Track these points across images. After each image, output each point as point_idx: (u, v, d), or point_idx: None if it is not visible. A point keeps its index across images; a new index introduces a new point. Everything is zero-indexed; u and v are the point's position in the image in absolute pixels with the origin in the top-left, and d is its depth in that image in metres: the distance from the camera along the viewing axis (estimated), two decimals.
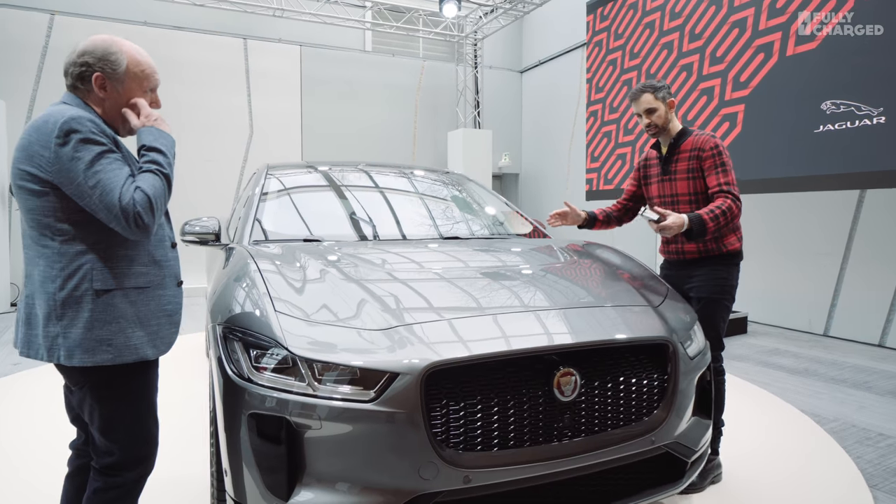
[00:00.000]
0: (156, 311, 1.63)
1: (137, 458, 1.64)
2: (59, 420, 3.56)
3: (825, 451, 3.04)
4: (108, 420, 1.59)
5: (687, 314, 2.18)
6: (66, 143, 1.45)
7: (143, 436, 1.66)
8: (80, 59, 1.58)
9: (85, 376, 1.56)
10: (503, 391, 1.65)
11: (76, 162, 1.44)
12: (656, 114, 2.59)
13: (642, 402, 1.86)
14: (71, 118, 1.47)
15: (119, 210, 1.45)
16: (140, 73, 1.63)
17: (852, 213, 5.65)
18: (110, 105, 1.62)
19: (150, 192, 1.50)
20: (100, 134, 1.50)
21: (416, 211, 3.20)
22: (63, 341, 1.50)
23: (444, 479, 1.55)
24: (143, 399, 1.65)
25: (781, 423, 3.46)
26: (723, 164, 2.50)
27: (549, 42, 10.71)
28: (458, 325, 1.74)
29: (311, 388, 1.57)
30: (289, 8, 9.20)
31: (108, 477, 1.61)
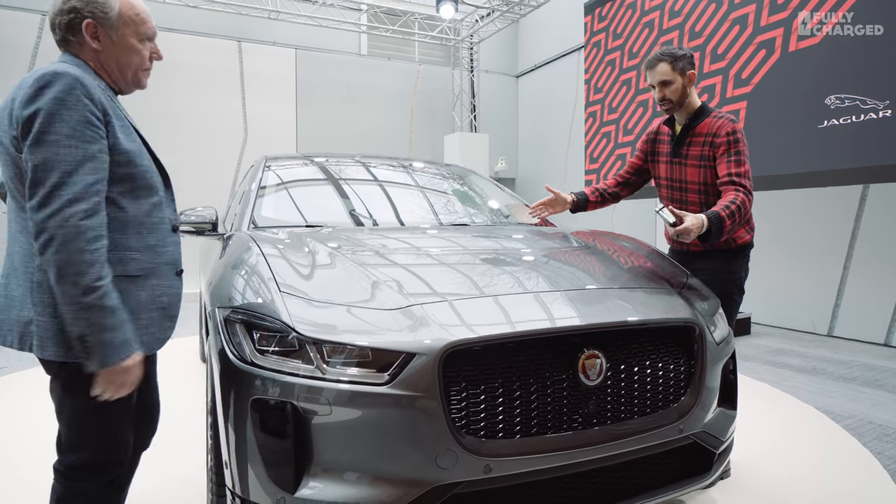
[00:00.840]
0: (147, 302, 1.43)
1: (104, 462, 1.44)
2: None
3: (844, 447, 2.94)
4: (80, 415, 1.40)
5: (710, 299, 2.08)
6: (36, 97, 1.25)
7: (115, 439, 1.45)
8: (66, 6, 1.38)
9: (62, 369, 1.37)
10: (526, 375, 1.54)
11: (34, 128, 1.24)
12: (672, 87, 2.31)
13: (669, 388, 1.75)
14: (53, 72, 1.27)
15: (44, 192, 1.21)
16: (135, 16, 1.44)
17: (854, 212, 5.59)
18: (106, 56, 1.43)
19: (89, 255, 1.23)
20: (84, 98, 1.28)
21: (424, 200, 3.10)
22: (36, 329, 1.32)
23: (463, 469, 1.43)
24: (122, 399, 1.39)
25: (796, 420, 3.37)
26: (738, 152, 2.24)
27: (544, 46, 10.69)
28: (478, 305, 1.63)
29: (319, 371, 1.45)
30: (284, 10, 9.13)
31: (70, 481, 1.42)
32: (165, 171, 1.57)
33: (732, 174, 2.22)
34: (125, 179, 1.40)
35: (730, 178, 2.22)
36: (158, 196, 1.50)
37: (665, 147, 2.52)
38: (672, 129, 2.50)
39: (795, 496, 2.40)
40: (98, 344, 1.26)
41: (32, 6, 7.95)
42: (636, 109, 6.91)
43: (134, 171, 1.41)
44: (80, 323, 1.24)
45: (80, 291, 1.23)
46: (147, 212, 1.45)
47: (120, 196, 1.38)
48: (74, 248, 1.22)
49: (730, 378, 2.03)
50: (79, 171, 1.25)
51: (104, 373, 1.29)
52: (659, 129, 2.60)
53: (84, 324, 1.24)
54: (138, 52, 1.48)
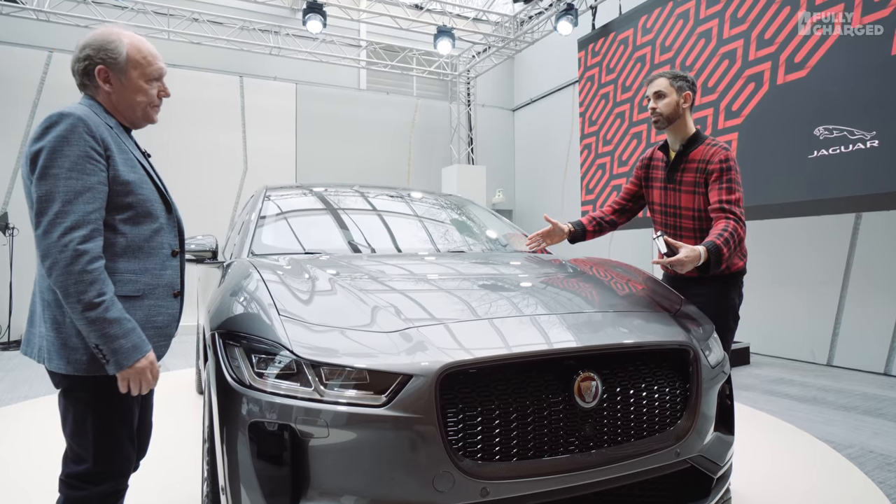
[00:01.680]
0: (142, 322, 1.52)
1: (106, 471, 1.52)
2: (58, 451, 3.39)
3: (846, 476, 2.91)
4: (80, 425, 1.49)
5: (705, 323, 2.09)
6: (42, 135, 1.39)
7: (115, 449, 1.53)
8: (82, 54, 1.53)
9: (64, 380, 1.48)
10: (522, 397, 1.54)
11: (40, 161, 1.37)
12: (664, 100, 2.36)
13: (665, 412, 1.76)
14: (60, 113, 1.42)
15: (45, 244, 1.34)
16: (142, 59, 1.56)
17: (848, 241, 5.65)
18: (118, 98, 1.56)
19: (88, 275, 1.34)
20: (85, 135, 1.40)
21: (422, 228, 3.14)
22: (47, 344, 1.45)
23: (460, 492, 1.43)
24: (120, 410, 1.53)
25: (796, 449, 3.34)
26: (729, 179, 2.26)
27: (539, 81, 10.93)
28: (474, 328, 1.65)
29: (317, 394, 1.46)
30: (285, 47, 9.36)
31: (73, 490, 1.49)
32: (168, 199, 1.66)
33: (723, 201, 2.23)
34: (126, 207, 1.51)
35: (720, 206, 2.24)
36: (159, 223, 1.59)
37: (659, 173, 2.56)
38: (666, 155, 2.53)
39: None
40: (111, 351, 1.39)
41: (38, 43, 8.14)
42: (630, 141, 7.04)
43: (134, 199, 1.52)
44: (92, 335, 1.38)
45: (83, 308, 1.35)
46: (147, 237, 1.55)
47: (121, 223, 1.49)
48: (75, 269, 1.33)
49: (726, 403, 2.03)
50: (78, 200, 1.37)
51: (122, 374, 1.42)
52: (653, 155, 2.63)
53: (95, 335, 1.37)
54: (145, 91, 1.59)
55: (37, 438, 3.58)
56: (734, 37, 5.66)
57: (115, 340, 1.38)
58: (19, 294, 7.61)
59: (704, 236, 2.26)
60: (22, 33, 8.03)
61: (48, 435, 3.62)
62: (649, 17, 6.79)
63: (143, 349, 1.44)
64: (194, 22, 8.70)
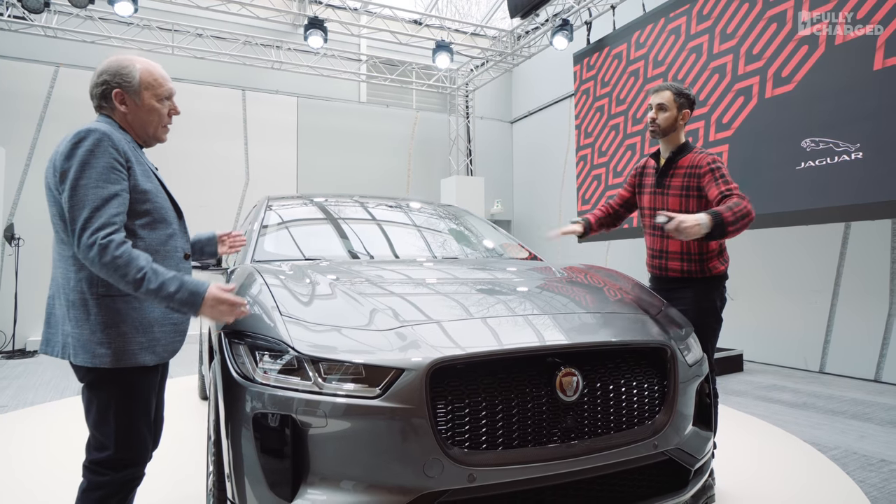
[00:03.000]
0: (160, 318, 1.67)
1: (126, 459, 1.64)
2: (62, 455, 3.48)
3: (828, 476, 3.01)
4: (103, 415, 1.61)
5: (684, 325, 2.21)
6: (72, 151, 1.54)
7: (135, 437, 1.66)
8: (100, 80, 1.69)
9: (89, 373, 1.60)
10: (507, 390, 1.66)
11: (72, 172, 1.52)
12: (665, 114, 2.55)
13: (644, 406, 1.87)
14: (87, 129, 1.57)
15: (84, 243, 1.48)
16: (153, 81, 1.72)
17: (839, 249, 5.77)
18: (133, 117, 1.72)
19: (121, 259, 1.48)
20: (110, 152, 1.56)
21: (419, 236, 3.26)
22: (72, 341, 1.57)
23: (448, 478, 1.53)
24: (140, 400, 1.66)
25: (783, 451, 3.43)
26: (721, 175, 2.44)
27: (536, 94, 11.12)
28: (463, 326, 1.77)
29: (317, 387, 1.57)
30: (286, 61, 9.55)
31: (95, 475, 1.61)
32: (179, 207, 1.82)
33: (723, 192, 2.38)
34: (143, 214, 1.66)
35: (722, 196, 2.38)
36: (172, 228, 1.74)
37: (650, 179, 2.73)
38: (657, 162, 2.71)
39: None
40: (179, 304, 1.55)
41: (45, 59, 8.32)
42: (625, 153, 7.19)
43: (150, 206, 1.68)
44: (156, 302, 1.55)
45: (133, 287, 1.51)
46: (162, 241, 1.69)
47: (140, 228, 1.64)
48: (106, 260, 1.47)
49: (705, 400, 2.14)
50: (105, 206, 1.52)
51: (202, 314, 1.59)
52: (646, 163, 2.81)
53: (158, 301, 1.54)
54: (158, 110, 1.75)
55: (42, 442, 3.68)
56: (724, 52, 5.82)
57: (174, 298, 1.53)
58: (24, 303, 7.72)
59: (690, 240, 2.38)
60: (29, 49, 8.22)
61: (52, 439, 3.73)
62: (642, 32, 6.96)
63: (200, 290, 1.57)
64: (198, 37, 8.90)
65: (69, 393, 5.23)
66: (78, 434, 3.78)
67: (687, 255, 2.55)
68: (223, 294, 1.59)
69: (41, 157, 8.22)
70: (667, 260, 2.61)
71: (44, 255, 8.05)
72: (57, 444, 3.63)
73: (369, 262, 2.67)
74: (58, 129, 8.23)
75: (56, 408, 4.64)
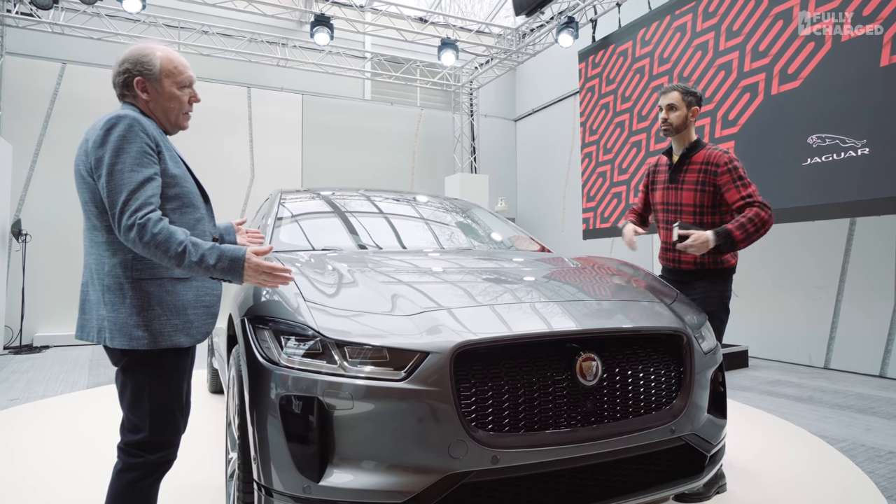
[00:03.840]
0: (193, 301, 1.70)
1: (161, 440, 1.67)
2: (77, 445, 3.51)
3: (838, 467, 3.04)
4: (138, 397, 1.64)
5: (698, 314, 2.24)
6: (104, 140, 1.58)
7: (169, 418, 1.69)
8: (122, 68, 1.72)
9: (124, 356, 1.63)
10: (529, 375, 1.69)
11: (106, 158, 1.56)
12: (676, 112, 2.64)
13: (661, 392, 1.90)
14: (117, 115, 1.62)
15: (124, 224, 1.51)
16: (173, 69, 1.75)
17: (843, 246, 5.80)
18: (154, 105, 1.75)
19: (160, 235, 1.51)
20: (141, 136, 1.60)
21: (433, 227, 3.30)
22: (108, 325, 1.60)
23: (473, 459, 1.56)
24: (173, 383, 1.70)
25: (791, 443, 3.46)
26: (740, 177, 2.52)
27: (540, 92, 11.14)
28: (485, 312, 1.80)
29: (342, 370, 1.60)
30: (292, 58, 9.58)
31: (130, 457, 1.65)
32: (205, 192, 1.86)
33: (744, 196, 2.51)
34: (173, 198, 1.69)
35: (742, 201, 2.51)
36: (200, 213, 1.78)
37: (662, 176, 2.81)
38: (670, 159, 2.79)
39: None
40: (222, 273, 1.58)
41: (52, 55, 8.35)
42: (630, 150, 7.22)
43: (180, 191, 1.71)
44: (200, 273, 1.58)
45: (176, 262, 1.54)
46: (191, 225, 1.72)
47: (170, 212, 1.67)
48: (146, 239, 1.51)
49: (718, 389, 2.17)
50: (141, 189, 1.55)
51: (246, 281, 1.61)
52: (658, 161, 2.90)
53: (202, 273, 1.57)
54: (178, 97, 1.78)
55: (55, 433, 3.72)
56: (730, 49, 5.84)
57: (216, 267, 1.56)
58: (31, 299, 7.76)
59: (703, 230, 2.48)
60: (36, 45, 8.25)
61: (65, 430, 3.77)
62: (648, 30, 6.99)
63: (239, 255, 1.58)
64: (204, 34, 8.93)
65: (79, 387, 5.27)
66: (91, 425, 3.83)
67: None
68: (262, 262, 1.60)
69: (48, 153, 8.26)
70: (681, 253, 2.67)
71: (51, 251, 8.10)
72: (70, 434, 3.67)
73: (387, 252, 2.70)
74: (64, 126, 8.27)
75: (67, 400, 4.68)
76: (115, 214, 1.53)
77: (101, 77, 8.53)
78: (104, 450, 3.32)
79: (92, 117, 1.67)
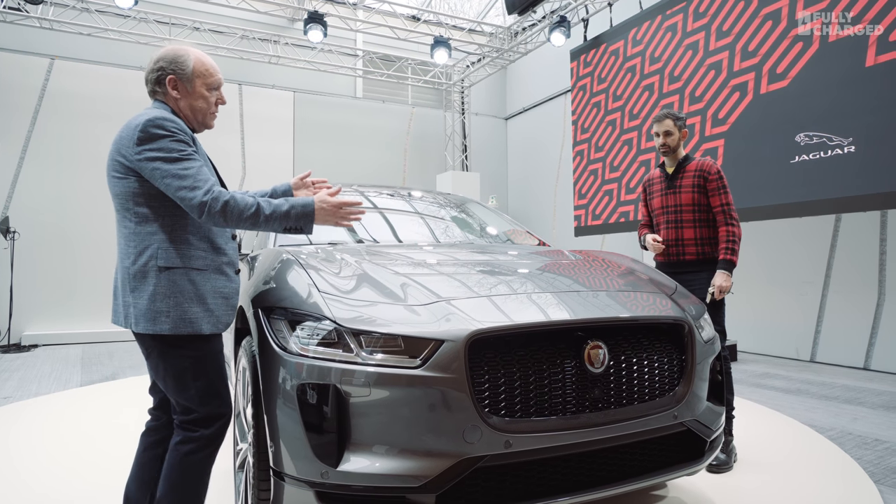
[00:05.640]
0: (212, 291, 1.76)
1: (211, 415, 1.74)
2: (73, 442, 3.50)
3: (827, 453, 3.13)
4: (181, 381, 1.71)
5: (697, 304, 2.31)
6: (150, 138, 1.65)
7: (214, 395, 1.76)
8: (156, 66, 1.81)
9: (153, 342, 1.70)
10: (539, 362, 1.74)
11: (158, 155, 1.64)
12: (672, 137, 3.11)
13: (664, 379, 1.96)
14: (156, 117, 1.69)
15: (197, 203, 1.64)
16: (205, 70, 1.84)
17: (830, 242, 5.94)
18: (184, 104, 1.83)
19: (231, 201, 1.67)
20: (181, 132, 1.70)
21: (438, 221, 3.36)
22: (133, 310, 1.67)
23: (487, 444, 1.61)
24: (210, 362, 1.76)
25: (782, 432, 3.56)
26: (724, 186, 3.04)
27: (531, 91, 11.22)
28: (498, 301, 1.85)
29: (359, 358, 1.64)
30: (283, 55, 9.56)
31: (187, 432, 1.73)
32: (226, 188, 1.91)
33: (723, 204, 3.03)
34: None
35: (721, 207, 3.02)
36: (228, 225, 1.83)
37: (658, 186, 3.22)
38: (664, 171, 3.22)
39: (784, 492, 2.58)
40: (296, 219, 1.74)
41: (41, 51, 8.27)
42: (621, 148, 7.31)
43: None
44: (276, 224, 1.73)
45: (253, 219, 1.69)
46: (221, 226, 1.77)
47: None
48: (221, 207, 1.66)
49: (717, 377, 2.24)
50: (198, 174, 1.69)
51: (318, 222, 1.79)
52: (651, 175, 3.33)
53: (279, 223, 1.73)
54: (206, 98, 1.87)
55: (50, 431, 3.71)
56: (720, 48, 5.95)
57: (290, 215, 1.73)
58: (20, 297, 7.68)
59: (701, 224, 3.05)
60: (25, 40, 8.16)
61: (62, 427, 3.75)
62: (639, 29, 7.08)
63: (309, 204, 1.76)
64: (195, 31, 8.88)
65: (72, 385, 5.24)
66: (86, 422, 3.82)
67: (701, 241, 3.04)
68: (329, 198, 1.77)
69: (36, 150, 8.17)
70: (683, 247, 3.06)
71: (39, 249, 8.02)
72: (67, 431, 3.67)
73: (397, 245, 2.75)
74: (53, 123, 8.19)
75: (60, 398, 4.66)
76: (184, 200, 1.64)
77: (90, 73, 8.46)
78: (103, 445, 3.33)
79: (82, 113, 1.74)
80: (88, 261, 8.26)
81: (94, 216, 8.20)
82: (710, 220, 3.04)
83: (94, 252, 8.23)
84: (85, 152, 8.24)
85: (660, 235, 3.17)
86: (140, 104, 1.94)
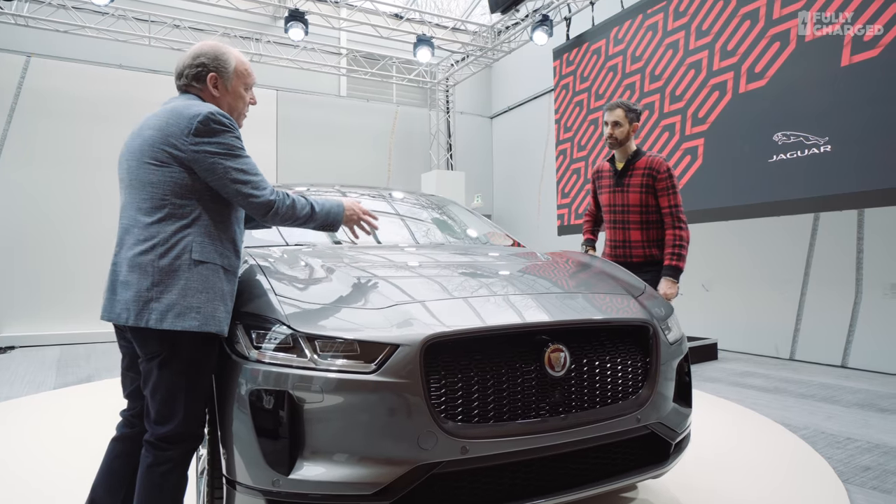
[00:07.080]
0: (230, 294, 1.74)
1: (188, 433, 1.68)
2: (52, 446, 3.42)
3: (798, 453, 3.14)
4: (171, 389, 1.64)
5: (664, 306, 2.29)
6: (210, 132, 1.63)
7: (197, 412, 1.70)
8: (196, 62, 1.79)
9: (163, 345, 1.62)
10: (498, 366, 1.72)
11: (218, 150, 1.64)
12: (619, 129, 2.98)
13: (628, 382, 1.94)
14: (215, 111, 1.67)
15: (264, 202, 1.72)
16: (244, 70, 1.86)
17: (808, 241, 5.97)
18: (222, 101, 1.82)
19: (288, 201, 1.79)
20: (237, 129, 1.70)
21: (406, 223, 3.31)
22: (156, 305, 1.59)
23: (442, 450, 1.59)
24: (204, 376, 1.71)
25: (755, 430, 3.57)
26: (673, 187, 2.96)
27: (515, 90, 11.21)
28: (455, 305, 1.82)
29: (312, 363, 1.61)
30: (266, 54, 9.47)
31: (159, 451, 1.65)
32: None
33: (672, 205, 2.95)
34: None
35: (669, 209, 2.95)
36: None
37: (607, 181, 3.11)
38: (613, 166, 3.09)
39: (751, 492, 2.57)
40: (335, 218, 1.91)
41: (16, 48, 8.12)
42: (603, 147, 7.31)
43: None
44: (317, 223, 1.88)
45: (306, 217, 1.84)
46: (238, 217, 1.83)
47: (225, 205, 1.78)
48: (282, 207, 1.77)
49: (684, 378, 2.23)
50: (255, 171, 1.75)
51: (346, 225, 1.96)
52: (600, 167, 3.20)
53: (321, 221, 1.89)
54: (243, 97, 1.90)
55: (27, 435, 3.63)
56: (699, 48, 5.96)
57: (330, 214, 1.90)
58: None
59: (648, 227, 2.99)
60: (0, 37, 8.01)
61: (42, 431, 3.68)
62: (620, 28, 7.09)
63: (339, 205, 1.91)
64: (175, 28, 8.76)
65: (45, 388, 5.15)
66: (62, 426, 3.75)
67: (648, 243, 3.00)
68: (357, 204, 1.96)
69: (12, 148, 8.02)
70: (630, 248, 3.02)
71: (14, 250, 7.88)
72: (47, 435, 3.59)
73: (359, 247, 2.70)
74: (29, 121, 8.04)
75: (35, 401, 4.58)
76: (246, 195, 1.68)
77: (67, 70, 8.32)
78: (64, 455, 3.26)
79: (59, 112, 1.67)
80: (66, 261, 8.13)
81: (72, 215, 8.07)
82: (659, 221, 2.96)
83: (72, 252, 8.11)
84: (63, 151, 8.09)
85: (606, 234, 3.11)
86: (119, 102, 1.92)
